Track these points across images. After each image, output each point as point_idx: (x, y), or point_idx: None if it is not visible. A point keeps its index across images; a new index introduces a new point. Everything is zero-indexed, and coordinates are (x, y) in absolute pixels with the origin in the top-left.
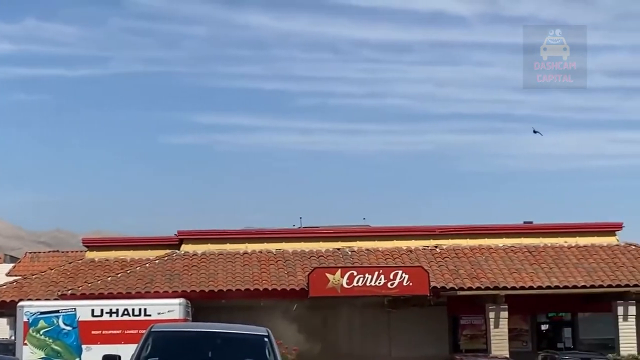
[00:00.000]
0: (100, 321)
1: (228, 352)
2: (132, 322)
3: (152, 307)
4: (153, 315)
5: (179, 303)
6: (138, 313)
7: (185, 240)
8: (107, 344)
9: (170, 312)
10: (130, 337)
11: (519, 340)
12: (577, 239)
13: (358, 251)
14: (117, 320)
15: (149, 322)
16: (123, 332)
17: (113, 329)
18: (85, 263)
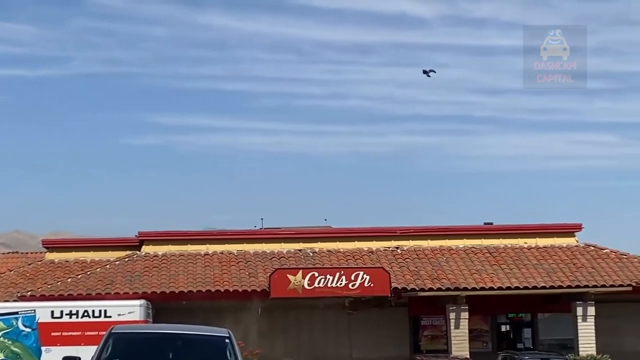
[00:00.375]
0: (60, 323)
1: (189, 354)
2: (92, 324)
3: (113, 308)
4: (113, 317)
5: (140, 304)
6: (98, 314)
7: (145, 241)
8: (67, 346)
9: (130, 314)
10: (91, 339)
11: (479, 341)
12: (537, 239)
13: (319, 252)
14: (77, 322)
15: (109, 324)
16: (83, 334)
17: (73, 331)
18: (44, 264)
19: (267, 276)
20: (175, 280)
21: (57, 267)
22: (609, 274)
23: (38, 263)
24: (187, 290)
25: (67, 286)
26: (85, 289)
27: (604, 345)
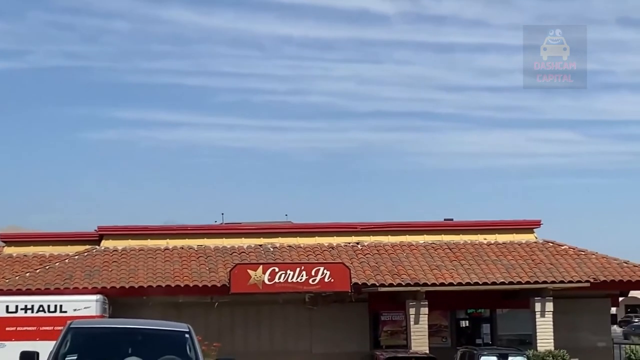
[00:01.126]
0: (15, 317)
1: (148, 348)
2: (48, 319)
3: (68, 303)
4: (69, 312)
5: (96, 299)
6: (54, 309)
7: (105, 236)
8: (22, 341)
9: (86, 309)
10: (46, 334)
11: (439, 336)
12: (497, 236)
13: (280, 247)
14: (32, 317)
15: (65, 319)
16: (38, 329)
17: (28, 326)
18: (3, 258)
19: (228, 271)
20: (135, 275)
21: (15, 261)
22: (567, 270)
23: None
24: (147, 285)
25: (25, 280)
26: (44, 284)
27: (562, 340)
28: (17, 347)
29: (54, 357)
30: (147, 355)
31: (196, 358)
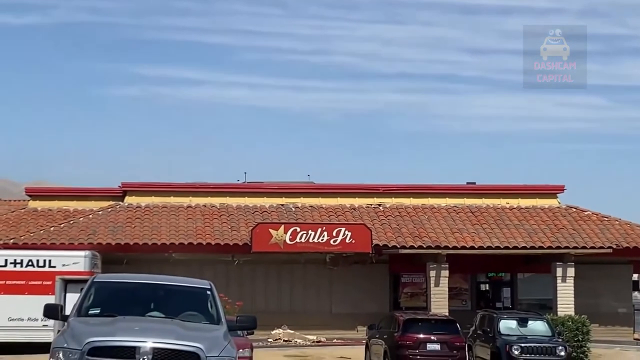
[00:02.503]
0: (4, 271)
1: (170, 304)
2: (37, 273)
3: (57, 258)
4: (58, 267)
5: (84, 255)
6: (43, 264)
7: (129, 192)
8: (10, 294)
9: (75, 265)
10: (34, 288)
11: (459, 299)
12: (519, 200)
13: (302, 208)
14: (21, 271)
15: (54, 274)
16: (27, 283)
17: (17, 280)
18: (28, 212)
19: (249, 230)
20: (158, 232)
21: (40, 215)
22: (589, 236)
23: (21, 211)
24: (170, 242)
25: (50, 235)
26: (68, 238)
27: (582, 306)
28: (5, 300)
29: (78, 310)
30: (169, 311)
31: (217, 314)
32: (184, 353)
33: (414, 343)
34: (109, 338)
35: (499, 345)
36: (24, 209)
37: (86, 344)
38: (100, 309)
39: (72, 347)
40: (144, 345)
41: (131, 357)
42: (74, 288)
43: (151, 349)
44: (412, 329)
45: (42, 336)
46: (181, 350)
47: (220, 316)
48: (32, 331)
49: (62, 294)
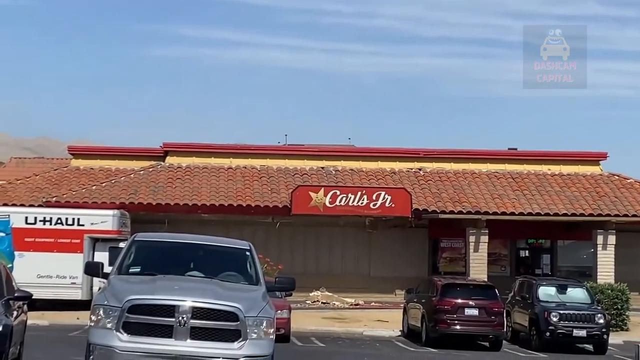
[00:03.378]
0: (34, 229)
1: (210, 264)
2: (65, 231)
3: (86, 217)
4: (86, 226)
5: (113, 214)
6: (71, 222)
7: (170, 153)
8: (39, 252)
9: (103, 223)
10: (63, 246)
11: (498, 265)
12: (561, 167)
13: (342, 171)
14: (50, 229)
15: (82, 232)
16: (56, 241)
17: (46, 237)
18: (70, 171)
19: (289, 192)
20: (198, 192)
21: (82, 173)
22: (631, 204)
23: (63, 169)
24: (210, 203)
25: (91, 193)
26: (110, 197)
27: (622, 274)
28: (35, 258)
29: (118, 268)
30: (208, 271)
31: (256, 275)
32: (222, 312)
33: (451, 308)
34: (149, 296)
35: (537, 311)
36: (67, 168)
37: (126, 302)
38: (141, 268)
39: (112, 305)
40: (184, 304)
41: (170, 315)
42: (102, 246)
43: (190, 308)
44: (450, 293)
45: (70, 293)
46: (220, 310)
47: (259, 277)
48: (60, 288)
49: (91, 252)
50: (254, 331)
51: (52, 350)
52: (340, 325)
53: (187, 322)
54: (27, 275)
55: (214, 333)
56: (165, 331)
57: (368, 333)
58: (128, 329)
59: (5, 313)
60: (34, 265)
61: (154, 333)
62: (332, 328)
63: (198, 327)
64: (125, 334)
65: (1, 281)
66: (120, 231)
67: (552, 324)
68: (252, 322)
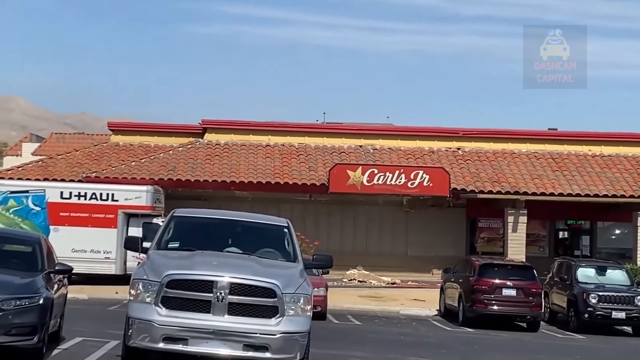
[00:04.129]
0: (69, 204)
1: (248, 240)
2: (100, 207)
3: (120, 192)
4: (120, 201)
5: (147, 190)
6: (106, 198)
7: (208, 130)
8: (74, 226)
9: (137, 199)
10: (97, 221)
11: (536, 246)
12: (602, 147)
13: (380, 149)
14: (85, 204)
15: (116, 207)
16: (90, 216)
17: (80, 212)
18: (110, 146)
19: (327, 171)
20: (237, 169)
21: (121, 149)
22: None
23: (103, 145)
24: (248, 180)
25: (130, 169)
26: (148, 174)
27: None
28: (69, 232)
29: (157, 243)
30: (246, 247)
31: (294, 252)
32: (260, 289)
33: (489, 288)
34: (188, 272)
35: (576, 293)
36: (106, 144)
37: (165, 277)
38: (179, 243)
39: (151, 279)
40: (222, 279)
41: (208, 291)
42: (135, 222)
43: (228, 284)
44: (488, 273)
45: (103, 268)
46: (258, 286)
47: (297, 254)
48: (94, 263)
49: (125, 227)
50: (291, 308)
51: (92, 324)
52: (376, 304)
53: (225, 298)
54: (62, 249)
55: (251, 309)
56: (203, 306)
57: (405, 312)
58: (167, 304)
59: (46, 286)
60: (69, 240)
61: (192, 308)
62: (369, 306)
63: (236, 303)
64: (164, 309)
65: (42, 254)
66: (153, 207)
67: (590, 306)
68: (289, 298)
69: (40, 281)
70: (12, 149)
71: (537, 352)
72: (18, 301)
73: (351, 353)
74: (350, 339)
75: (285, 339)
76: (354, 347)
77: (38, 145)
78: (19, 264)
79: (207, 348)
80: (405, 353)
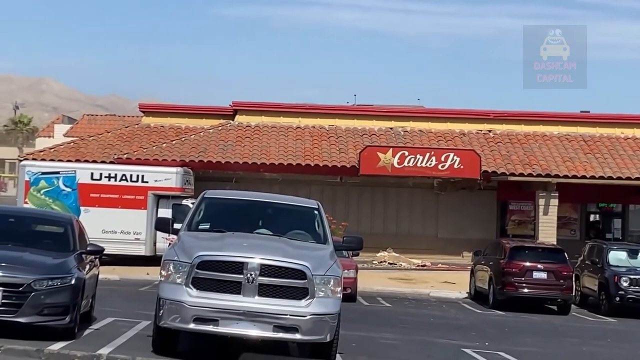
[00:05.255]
0: (99, 185)
1: (278, 222)
2: (130, 188)
3: (149, 174)
4: (150, 182)
5: (176, 172)
6: (136, 179)
7: (239, 111)
8: (104, 207)
9: (167, 181)
10: (127, 202)
11: (567, 229)
12: (635, 130)
13: (411, 131)
14: (115, 185)
15: (146, 189)
16: (120, 197)
17: (111, 193)
18: (141, 128)
19: (357, 153)
20: (267, 151)
21: (152, 131)
22: None
23: (134, 126)
24: (278, 162)
25: (162, 151)
26: (180, 155)
27: None
28: (100, 213)
29: (188, 224)
30: (276, 229)
31: (324, 234)
32: (290, 270)
33: (519, 271)
34: (218, 253)
35: (607, 276)
36: (137, 125)
37: (196, 258)
38: (210, 224)
39: (182, 260)
40: (252, 261)
41: (239, 272)
42: (165, 203)
43: (259, 265)
44: (518, 256)
45: (133, 249)
46: (288, 268)
47: (327, 236)
48: (124, 244)
49: (154, 208)
50: (321, 289)
51: (123, 304)
52: (406, 286)
53: (255, 279)
54: (92, 230)
55: (281, 290)
56: (233, 287)
57: (434, 294)
58: (197, 285)
59: (77, 266)
60: (99, 221)
61: (223, 289)
62: (399, 288)
63: (266, 285)
64: (195, 290)
65: (74, 235)
66: (183, 188)
67: (622, 289)
68: (319, 280)
69: (72, 262)
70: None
71: (568, 335)
72: (50, 281)
73: (381, 335)
74: (380, 320)
75: (315, 321)
76: (383, 328)
77: (70, 127)
78: (51, 245)
79: (237, 329)
80: (435, 335)
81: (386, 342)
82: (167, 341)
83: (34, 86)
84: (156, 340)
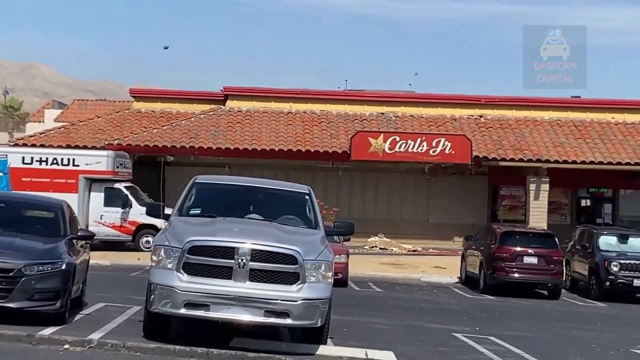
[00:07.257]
0: (31, 169)
1: (269, 207)
2: (61, 172)
3: (81, 157)
4: (81, 166)
5: (107, 155)
6: (67, 163)
7: (230, 96)
8: (36, 191)
9: (97, 164)
10: (59, 186)
11: (558, 214)
12: (625, 115)
13: (402, 117)
14: (46, 169)
15: (77, 172)
16: (52, 181)
17: (42, 177)
18: (131, 113)
19: (349, 138)
20: (258, 137)
21: (143, 116)
22: None
23: (125, 111)
24: (269, 148)
25: (152, 136)
26: (170, 141)
27: None
28: None
29: (179, 209)
30: (268, 214)
31: (315, 219)
32: (281, 255)
33: (510, 255)
34: (209, 238)
35: (597, 260)
36: (128, 110)
37: (187, 243)
38: (201, 209)
39: (173, 245)
40: (243, 246)
41: (230, 257)
42: (98, 187)
43: (250, 250)
44: (509, 241)
45: None
46: (279, 253)
47: (318, 221)
48: None
49: (86, 192)
50: (312, 274)
51: (114, 290)
52: (397, 271)
53: (246, 264)
54: None
55: (272, 275)
56: (224, 273)
57: (425, 279)
58: (188, 270)
59: (68, 251)
60: None
61: (214, 274)
62: (390, 274)
63: (257, 270)
64: (186, 275)
65: (65, 220)
66: (115, 172)
67: (612, 274)
68: (310, 265)
69: (63, 247)
70: (35, 116)
71: (558, 319)
72: (41, 266)
73: (372, 320)
74: (371, 305)
75: (306, 306)
76: (374, 313)
77: (60, 112)
78: (42, 230)
79: (228, 314)
80: (426, 320)
81: (377, 327)
82: (158, 326)
83: (24, 71)
84: (147, 325)
